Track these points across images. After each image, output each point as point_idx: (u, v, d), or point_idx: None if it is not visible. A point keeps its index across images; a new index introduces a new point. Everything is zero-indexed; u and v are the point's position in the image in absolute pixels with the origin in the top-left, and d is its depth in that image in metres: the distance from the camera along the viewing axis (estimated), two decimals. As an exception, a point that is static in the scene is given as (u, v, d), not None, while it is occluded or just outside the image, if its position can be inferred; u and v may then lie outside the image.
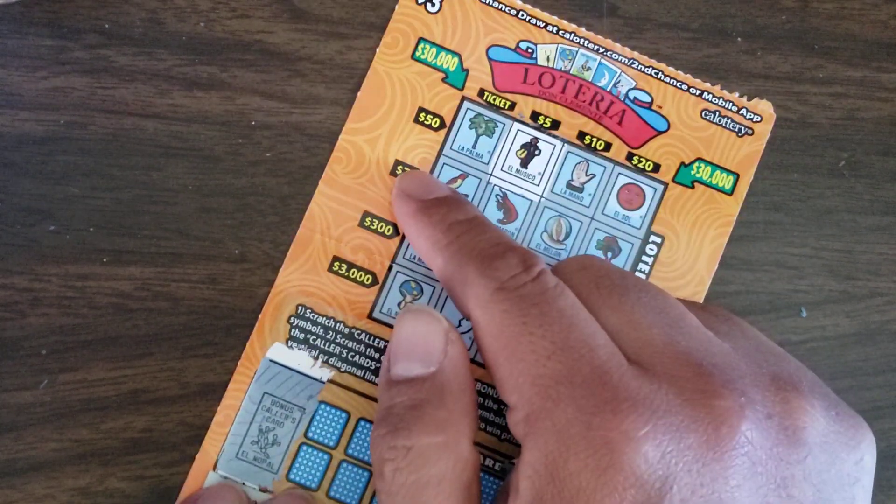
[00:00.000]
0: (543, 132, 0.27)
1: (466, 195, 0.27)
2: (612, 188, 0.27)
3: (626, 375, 0.19)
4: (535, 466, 0.19)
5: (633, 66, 0.27)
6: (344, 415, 0.26)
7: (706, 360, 0.20)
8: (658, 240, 0.27)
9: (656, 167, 0.27)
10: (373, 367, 0.26)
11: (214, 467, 0.26)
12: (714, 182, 0.27)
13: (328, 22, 0.27)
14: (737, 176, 0.27)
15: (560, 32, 0.27)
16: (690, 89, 0.27)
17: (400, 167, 0.27)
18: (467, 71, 0.27)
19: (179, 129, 0.27)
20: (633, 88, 0.27)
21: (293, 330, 0.26)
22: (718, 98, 0.27)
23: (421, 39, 0.27)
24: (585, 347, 0.20)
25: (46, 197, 0.26)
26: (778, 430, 0.19)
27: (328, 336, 0.26)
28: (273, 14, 0.27)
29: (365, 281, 0.26)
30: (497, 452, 0.26)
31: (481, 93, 0.27)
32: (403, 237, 0.26)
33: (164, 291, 0.26)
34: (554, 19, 0.27)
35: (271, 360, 0.26)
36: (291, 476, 0.26)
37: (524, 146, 0.27)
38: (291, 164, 0.27)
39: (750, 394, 0.19)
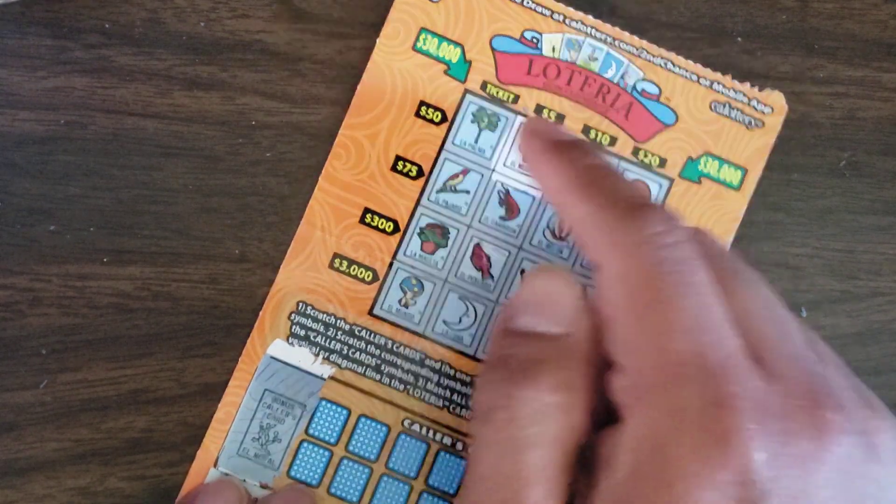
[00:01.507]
0: None
1: (468, 191, 0.27)
2: None
3: (749, 371, 0.19)
4: (638, 439, 0.19)
5: (641, 55, 0.27)
6: (345, 412, 0.26)
7: (814, 368, 0.20)
8: None
9: (662, 162, 0.27)
10: (374, 364, 0.26)
11: (215, 464, 0.26)
12: (721, 177, 0.27)
13: (328, 22, 0.27)
14: (744, 171, 0.27)
15: (566, 21, 0.27)
16: (700, 80, 0.27)
17: (401, 163, 0.27)
18: (470, 62, 0.27)
19: (179, 129, 0.27)
20: (640, 80, 0.27)
21: (294, 327, 0.26)
22: (729, 89, 0.27)
23: (422, 30, 0.27)
24: (717, 334, 0.19)
25: (46, 197, 0.26)
26: (867, 448, 0.19)
27: (329, 333, 0.26)
28: (273, 14, 0.27)
29: (366, 278, 0.26)
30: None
31: (484, 85, 0.27)
32: (404, 233, 0.26)
33: (164, 291, 0.26)
34: (560, 6, 0.27)
35: (272, 357, 0.26)
36: (292, 473, 0.26)
37: None
38: (291, 163, 0.27)
39: (848, 409, 0.19)
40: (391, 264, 0.26)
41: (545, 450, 0.20)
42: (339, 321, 0.26)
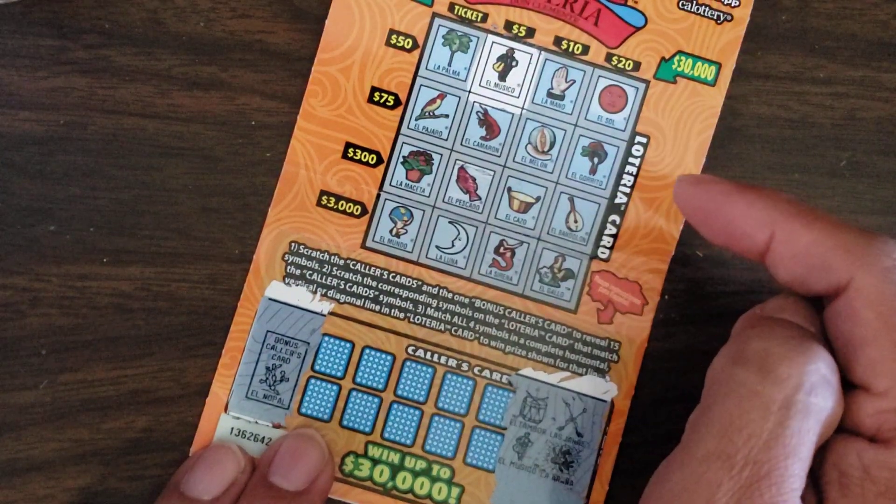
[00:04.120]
0: (519, 42, 0.27)
1: (447, 115, 0.27)
2: (594, 92, 0.27)
3: None
4: None
5: None
6: (348, 345, 0.26)
7: None
8: (644, 140, 0.27)
9: (636, 66, 0.27)
10: (372, 296, 0.26)
11: (226, 409, 0.26)
12: (696, 74, 0.27)
13: (328, 22, 0.27)
14: (718, 65, 0.27)
15: None
16: None
17: (377, 94, 0.26)
18: None
19: (179, 129, 0.27)
20: None
21: (289, 267, 0.26)
22: None
23: None
24: None
25: (46, 197, 0.26)
26: None
27: (324, 269, 0.26)
28: (273, 14, 0.27)
29: (354, 212, 0.26)
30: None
31: (452, 7, 0.26)
32: (388, 164, 0.26)
33: (164, 291, 0.26)
34: None
35: (270, 299, 0.26)
36: (303, 410, 0.26)
37: (500, 58, 0.27)
38: (291, 164, 0.27)
39: None
40: (378, 196, 0.26)
41: (815, 426, 0.19)
42: (332, 257, 0.26)
